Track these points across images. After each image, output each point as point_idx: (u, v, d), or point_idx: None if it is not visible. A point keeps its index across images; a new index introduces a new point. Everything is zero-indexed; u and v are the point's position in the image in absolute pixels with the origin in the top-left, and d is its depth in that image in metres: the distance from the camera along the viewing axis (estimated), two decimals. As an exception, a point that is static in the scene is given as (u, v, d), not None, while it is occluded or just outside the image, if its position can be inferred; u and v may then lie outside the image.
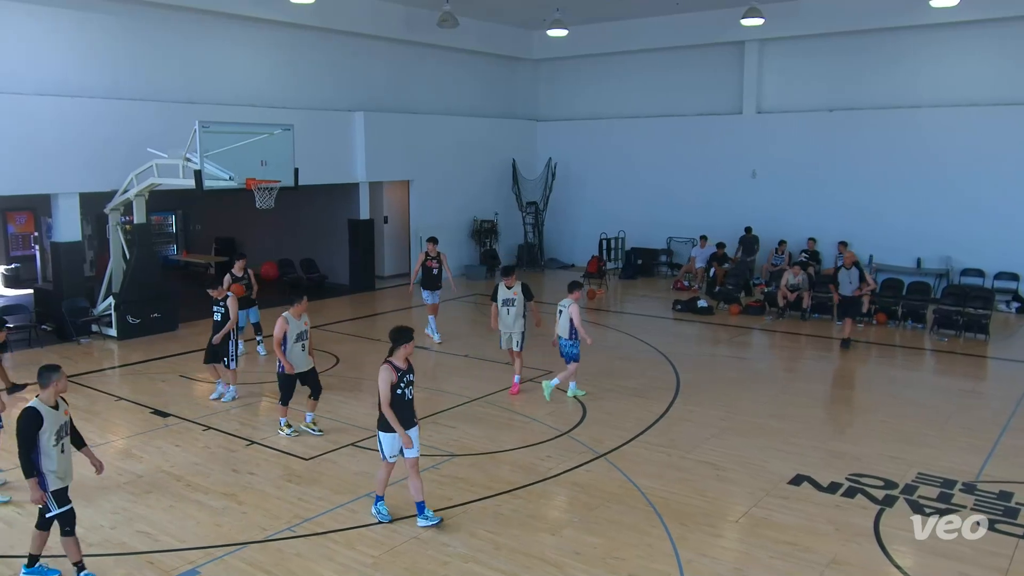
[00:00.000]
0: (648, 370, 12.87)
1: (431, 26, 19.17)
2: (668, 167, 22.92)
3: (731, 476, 8.60)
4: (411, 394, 7.33)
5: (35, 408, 6.20)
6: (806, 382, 12.71)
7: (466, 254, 23.10)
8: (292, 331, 9.53)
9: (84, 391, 11.81)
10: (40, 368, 6.40)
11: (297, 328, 9.61)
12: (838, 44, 20.07)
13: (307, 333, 9.78)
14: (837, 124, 20.14)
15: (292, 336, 9.54)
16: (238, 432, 10.01)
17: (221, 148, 13.00)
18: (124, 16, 15.71)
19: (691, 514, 7.67)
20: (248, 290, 13.63)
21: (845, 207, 19.91)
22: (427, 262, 14.62)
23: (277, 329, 9.47)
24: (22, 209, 21.67)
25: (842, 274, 14.37)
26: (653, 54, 22.97)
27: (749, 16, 17.98)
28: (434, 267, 14.56)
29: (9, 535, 7.41)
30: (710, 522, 7.54)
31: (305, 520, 7.56)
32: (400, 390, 7.20)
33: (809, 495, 8.11)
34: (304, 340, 9.72)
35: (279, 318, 9.55)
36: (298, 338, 9.62)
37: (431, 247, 14.78)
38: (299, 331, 9.63)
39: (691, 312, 17.48)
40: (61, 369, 6.46)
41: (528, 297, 11.53)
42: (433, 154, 21.75)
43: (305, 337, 9.75)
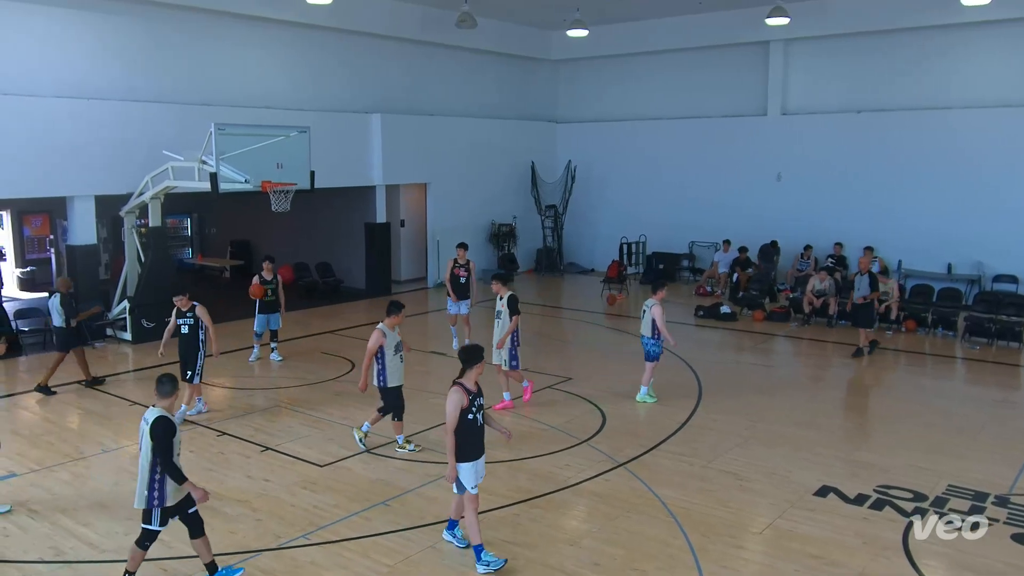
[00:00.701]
0: (670, 377, 12.81)
1: (449, 26, 19.24)
2: (690, 170, 22.84)
3: (755, 486, 8.54)
4: (482, 419, 6.91)
5: (168, 417, 6.35)
6: (832, 390, 12.61)
7: (484, 258, 23.11)
8: (389, 343, 9.29)
9: (98, 395, 11.94)
10: (159, 377, 6.47)
11: (393, 340, 9.37)
12: (866, 44, 19.94)
13: (402, 345, 9.51)
14: (865, 126, 19.99)
15: (390, 348, 9.29)
16: (252, 438, 10.07)
17: (237, 150, 13.09)
18: (141, 18, 15.90)
19: (713, 525, 7.62)
20: (273, 295, 13.63)
21: (873, 211, 19.74)
22: (455, 269, 14.16)
23: (372, 341, 9.23)
24: (38, 212, 21.95)
25: (857, 280, 14.32)
26: (675, 54, 22.92)
27: (774, 15, 17.89)
28: (462, 275, 14.08)
29: (20, 541, 7.47)
30: (733, 534, 7.49)
31: (320, 528, 7.59)
32: (471, 415, 6.76)
33: (835, 507, 8.05)
34: (401, 351, 9.48)
35: (375, 330, 9.31)
36: (395, 350, 9.38)
37: (461, 254, 14.25)
38: (396, 342, 9.39)
39: (714, 318, 17.40)
40: (178, 380, 6.64)
41: (513, 311, 10.92)
42: (451, 156, 21.82)
43: (401, 348, 9.49)
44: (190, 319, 10.64)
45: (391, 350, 9.31)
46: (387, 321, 9.37)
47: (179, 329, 10.65)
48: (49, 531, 7.54)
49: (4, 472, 8.95)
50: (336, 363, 13.76)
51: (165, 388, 6.41)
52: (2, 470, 9.01)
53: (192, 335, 10.63)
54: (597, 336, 16.67)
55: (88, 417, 11.05)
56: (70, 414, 11.26)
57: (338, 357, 14.12)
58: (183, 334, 10.65)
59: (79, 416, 11.15)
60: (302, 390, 12.24)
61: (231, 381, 12.71)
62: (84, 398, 11.86)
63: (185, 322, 10.62)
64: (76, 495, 8.36)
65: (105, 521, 7.77)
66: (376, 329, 9.28)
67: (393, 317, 9.39)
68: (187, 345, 10.65)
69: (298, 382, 12.65)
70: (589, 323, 17.68)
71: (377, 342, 9.21)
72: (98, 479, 8.81)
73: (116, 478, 8.81)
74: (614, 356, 14.47)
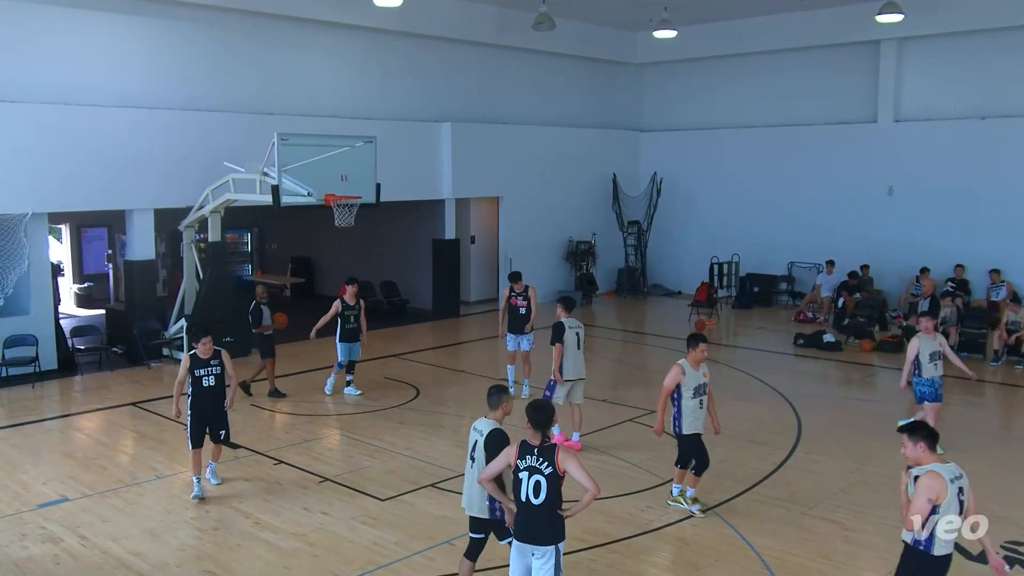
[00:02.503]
0: (765, 413, 12.54)
1: (525, 29, 19.42)
2: (790, 183, 22.45)
3: (861, 537, 8.29)
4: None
5: (502, 429, 6.45)
6: (952, 430, 12.09)
7: (560, 278, 23.12)
8: (689, 383, 8.62)
9: (152, 418, 12.34)
10: (489, 389, 6.70)
11: (695, 380, 8.70)
12: (989, 42, 19.33)
13: (706, 388, 8.78)
14: (990, 133, 19.36)
15: (688, 389, 8.63)
16: (310, 467, 10.24)
17: (300, 162, 13.42)
18: (202, 24, 16.53)
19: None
20: (355, 321, 13.27)
21: (999, 229, 19.05)
22: (512, 299, 13.47)
23: (669, 379, 8.65)
24: (97, 225, 22.94)
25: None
26: (773, 56, 22.63)
27: (886, 12, 17.53)
28: (521, 306, 13.34)
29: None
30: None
31: (380, 568, 7.65)
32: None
33: (955, 564, 7.69)
34: (703, 396, 8.73)
35: (673, 366, 8.73)
36: (696, 392, 8.67)
37: (517, 284, 13.51)
38: (697, 384, 8.71)
39: (816, 347, 17.02)
40: (507, 390, 6.76)
41: (553, 338, 10.73)
42: (525, 168, 21.95)
43: (703, 392, 8.73)
44: (216, 368, 9.44)
45: (690, 391, 8.64)
46: (689, 356, 8.70)
47: (199, 382, 9.33)
48: (100, 560, 7.80)
49: (56, 496, 9.32)
50: (400, 389, 13.91)
51: (493, 400, 6.54)
52: (54, 494, 9.39)
53: (219, 387, 9.46)
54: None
55: (142, 441, 11.43)
56: (124, 437, 11.67)
57: (402, 383, 14.28)
58: (207, 387, 9.36)
59: (133, 439, 11.54)
60: (364, 417, 12.41)
61: (289, 407, 12.97)
62: (138, 420, 12.27)
63: (211, 371, 9.39)
64: (128, 522, 8.63)
65: (157, 550, 7.99)
66: (675, 365, 8.67)
67: (695, 351, 8.69)
68: (216, 399, 9.45)
69: (360, 409, 12.83)
70: (676, 351, 17.33)
71: (674, 380, 8.60)
72: (151, 507, 9.08)
73: (168, 506, 9.07)
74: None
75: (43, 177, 14.22)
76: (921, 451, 5.64)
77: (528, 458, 5.83)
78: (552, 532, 5.86)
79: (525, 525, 5.89)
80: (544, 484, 5.77)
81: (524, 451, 5.86)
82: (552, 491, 5.78)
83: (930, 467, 5.53)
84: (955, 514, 5.50)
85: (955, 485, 5.52)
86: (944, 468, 5.56)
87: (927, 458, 5.64)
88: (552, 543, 5.85)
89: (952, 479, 5.52)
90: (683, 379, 8.61)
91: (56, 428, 12.05)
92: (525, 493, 5.83)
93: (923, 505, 5.44)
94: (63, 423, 12.30)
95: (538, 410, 5.99)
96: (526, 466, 5.82)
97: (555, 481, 5.78)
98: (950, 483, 5.50)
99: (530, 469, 5.81)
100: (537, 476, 5.79)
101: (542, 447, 5.85)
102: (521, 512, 5.90)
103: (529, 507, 5.83)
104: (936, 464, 5.59)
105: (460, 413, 12.90)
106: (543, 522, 5.84)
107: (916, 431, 5.70)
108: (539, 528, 5.86)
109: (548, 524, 5.84)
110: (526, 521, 5.88)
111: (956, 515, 5.51)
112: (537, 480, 5.79)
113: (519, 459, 5.85)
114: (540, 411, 5.98)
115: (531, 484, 5.80)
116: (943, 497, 5.44)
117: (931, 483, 5.46)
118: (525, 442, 5.91)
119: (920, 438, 5.65)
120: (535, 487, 5.80)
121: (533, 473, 5.80)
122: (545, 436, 5.93)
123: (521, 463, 5.84)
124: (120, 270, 19.67)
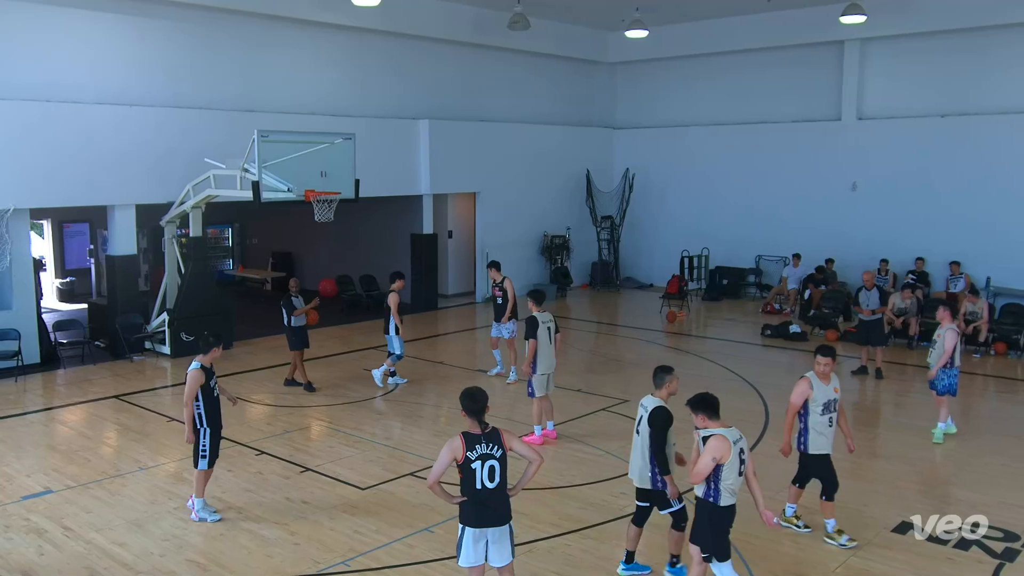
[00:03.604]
0: (733, 401, 12.61)
1: (501, 28, 19.40)
2: (758, 179, 22.59)
3: (824, 520, 8.34)
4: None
5: (666, 408, 6.93)
6: (914, 418, 12.27)
7: (535, 272, 23.14)
8: (817, 398, 7.78)
9: (135, 410, 12.24)
10: (656, 369, 7.20)
11: (825, 395, 7.79)
12: (950, 42, 19.50)
13: (836, 404, 7.86)
14: (949, 131, 19.54)
15: (817, 405, 7.77)
16: (292, 458, 10.20)
17: (280, 158, 13.33)
18: (184, 23, 16.34)
19: (780, 561, 7.48)
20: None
21: (958, 224, 19.25)
22: (493, 289, 14.21)
23: (796, 394, 7.84)
24: (78, 221, 22.67)
25: (863, 295, 14.18)
26: (742, 56, 22.73)
27: (849, 13, 17.66)
28: (497, 296, 14.00)
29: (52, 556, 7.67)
30: (801, 571, 7.34)
31: (360, 555, 7.64)
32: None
33: (916, 546, 7.82)
34: (832, 413, 7.82)
35: (800, 379, 7.91)
36: (825, 409, 7.78)
37: (494, 274, 14.23)
38: (827, 399, 7.78)
39: (782, 338, 17.15)
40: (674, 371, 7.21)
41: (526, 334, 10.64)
42: (502, 164, 21.93)
43: (834, 409, 7.82)
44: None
45: (818, 408, 7.78)
46: (818, 367, 7.84)
47: (211, 392, 8.38)
48: (84, 551, 7.73)
49: (40, 488, 9.22)
50: (379, 381, 13.87)
51: (658, 380, 7.08)
52: (38, 486, 9.29)
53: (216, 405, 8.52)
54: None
55: (125, 433, 11.33)
56: (107, 430, 11.57)
57: (381, 374, 14.24)
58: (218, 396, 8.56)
59: (116, 432, 11.44)
60: (344, 408, 12.38)
61: (270, 398, 12.91)
62: (121, 413, 12.16)
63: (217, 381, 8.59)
64: (112, 514, 8.56)
65: (140, 541, 7.93)
66: (802, 379, 7.90)
67: (823, 362, 7.81)
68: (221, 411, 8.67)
69: (340, 400, 12.79)
70: (647, 342, 17.54)
71: (802, 396, 7.81)
72: (134, 497, 9.01)
73: (152, 497, 9.00)
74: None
75: (25, 173, 14.04)
76: (701, 421, 6.33)
77: (478, 447, 5.85)
78: (507, 510, 6.03)
79: (483, 511, 5.92)
80: (497, 467, 5.89)
81: (471, 441, 5.86)
82: (504, 471, 5.95)
83: (717, 431, 6.21)
84: (736, 472, 6.17)
85: (737, 447, 6.19)
86: (728, 432, 6.24)
87: (712, 424, 6.30)
88: (508, 521, 6.03)
89: (735, 441, 6.19)
90: (811, 394, 7.78)
91: (39, 421, 11.91)
92: (480, 481, 5.86)
93: (708, 463, 6.13)
94: (46, 416, 12.16)
95: (472, 399, 5.92)
96: (478, 455, 5.84)
97: (505, 461, 5.95)
98: (733, 444, 6.16)
99: (483, 456, 5.85)
100: (491, 461, 5.87)
101: (487, 433, 5.89)
102: (476, 500, 5.90)
103: (486, 493, 5.88)
104: (721, 428, 6.25)
105: (438, 404, 12.91)
106: (500, 503, 5.97)
107: (695, 405, 6.37)
108: (497, 510, 5.96)
109: (503, 504, 6.00)
110: (483, 507, 5.92)
111: (737, 474, 6.18)
112: (491, 465, 5.87)
113: (468, 451, 5.83)
114: (474, 400, 5.92)
115: (486, 470, 5.85)
116: (726, 457, 6.12)
117: (717, 444, 6.15)
118: (468, 433, 5.89)
119: (699, 411, 6.35)
120: (490, 472, 5.87)
121: (487, 459, 5.86)
122: (482, 422, 5.91)
123: (472, 454, 5.83)
124: (103, 265, 19.45)
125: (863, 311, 14.14)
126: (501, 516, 5.97)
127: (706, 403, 6.35)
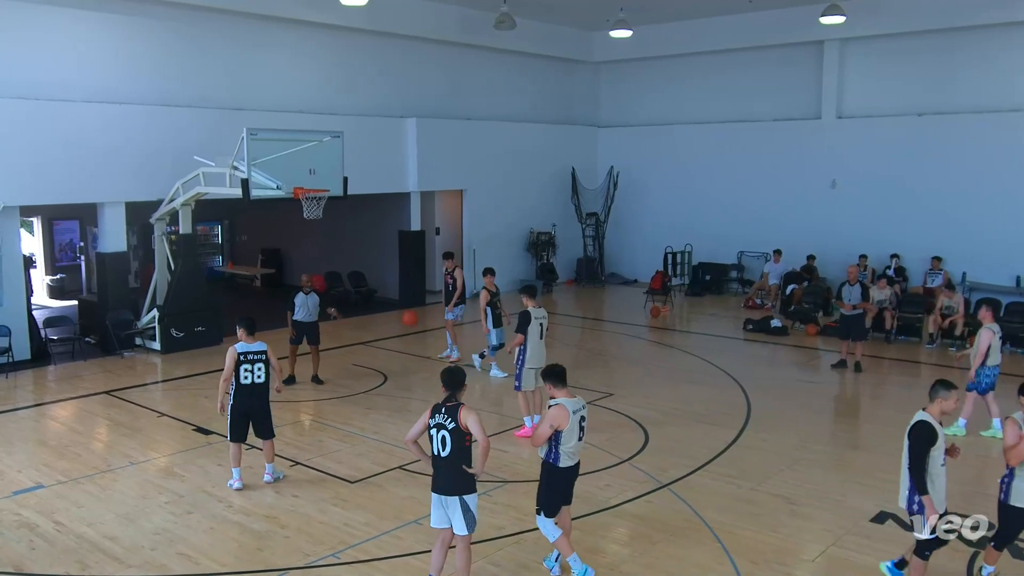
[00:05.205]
0: (716, 394, 12.69)
1: (487, 28, 19.36)
2: (740, 176, 22.66)
3: (807, 511, 8.40)
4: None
5: (929, 422, 6.34)
6: (891, 410, 12.33)
7: (522, 268, 23.14)
8: None
9: (126, 406, 12.16)
10: (935, 381, 6.55)
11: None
12: (926, 43, 19.62)
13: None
14: (926, 130, 19.66)
15: None
16: (282, 452, 10.15)
17: (269, 156, 13.29)
18: (172, 21, 16.23)
19: (762, 552, 7.51)
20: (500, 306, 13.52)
21: (935, 220, 19.38)
22: (445, 277, 15.12)
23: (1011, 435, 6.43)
24: (69, 218, 22.48)
25: (845, 290, 14.18)
26: (724, 55, 22.79)
27: (829, 13, 17.71)
28: (449, 283, 14.92)
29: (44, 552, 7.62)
30: (783, 561, 7.37)
31: (349, 547, 7.63)
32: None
33: (894, 534, 7.87)
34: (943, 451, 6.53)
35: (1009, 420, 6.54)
36: None
37: (447, 263, 15.18)
38: None
39: (764, 332, 17.21)
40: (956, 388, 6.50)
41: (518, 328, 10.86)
42: (488, 162, 21.91)
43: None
44: (261, 361, 8.73)
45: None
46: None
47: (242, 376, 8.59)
48: (75, 545, 7.68)
49: (31, 483, 9.16)
50: (368, 376, 13.85)
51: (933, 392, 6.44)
52: (29, 481, 9.22)
53: (267, 383, 8.75)
54: (640, 350, 16.57)
55: (115, 428, 11.26)
56: (97, 425, 11.49)
57: (370, 369, 14.22)
58: (257, 383, 8.68)
59: (106, 427, 11.36)
60: (333, 403, 12.34)
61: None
62: (111, 408, 12.09)
63: (255, 367, 8.67)
64: (102, 508, 8.51)
65: (131, 535, 7.88)
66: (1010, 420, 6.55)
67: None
68: (262, 397, 8.83)
69: (329, 395, 12.76)
70: (632, 336, 17.58)
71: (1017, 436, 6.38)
72: (125, 492, 8.96)
73: (143, 491, 8.95)
74: (658, 371, 14.36)
75: (15, 171, 13.91)
76: (549, 389, 6.78)
77: (437, 416, 6.34)
78: (457, 484, 6.34)
79: (436, 476, 6.44)
80: (448, 438, 6.27)
81: (434, 411, 6.38)
82: (456, 445, 6.28)
83: (559, 400, 6.65)
84: (576, 438, 6.65)
85: (577, 415, 6.64)
86: (570, 402, 6.68)
87: (558, 393, 6.74)
88: (457, 494, 6.35)
89: (575, 411, 6.65)
90: None
91: (30, 417, 11.82)
92: (436, 447, 6.37)
93: (546, 430, 6.57)
94: (37, 412, 12.07)
95: (451, 375, 6.46)
96: (435, 423, 6.34)
97: (459, 436, 6.27)
98: (572, 414, 6.62)
99: (438, 426, 6.32)
100: (443, 432, 6.30)
101: (448, 406, 6.34)
102: (434, 465, 6.43)
103: (438, 460, 6.38)
104: (564, 398, 6.68)
105: (426, 398, 12.85)
106: (450, 473, 6.34)
107: (544, 375, 6.91)
108: (446, 479, 6.37)
109: (454, 476, 6.33)
110: (436, 473, 6.43)
111: (576, 439, 6.65)
112: (443, 435, 6.30)
113: (431, 418, 6.37)
114: (452, 376, 6.45)
115: (439, 438, 6.32)
116: (564, 424, 6.56)
117: (555, 413, 6.59)
118: (436, 403, 6.41)
119: (546, 379, 6.84)
120: (442, 441, 6.31)
121: (440, 429, 6.31)
122: (452, 396, 6.36)
123: (432, 421, 6.36)
124: (92, 262, 19.32)
125: (844, 305, 14.20)
126: (448, 486, 6.36)
127: (553, 373, 6.82)
